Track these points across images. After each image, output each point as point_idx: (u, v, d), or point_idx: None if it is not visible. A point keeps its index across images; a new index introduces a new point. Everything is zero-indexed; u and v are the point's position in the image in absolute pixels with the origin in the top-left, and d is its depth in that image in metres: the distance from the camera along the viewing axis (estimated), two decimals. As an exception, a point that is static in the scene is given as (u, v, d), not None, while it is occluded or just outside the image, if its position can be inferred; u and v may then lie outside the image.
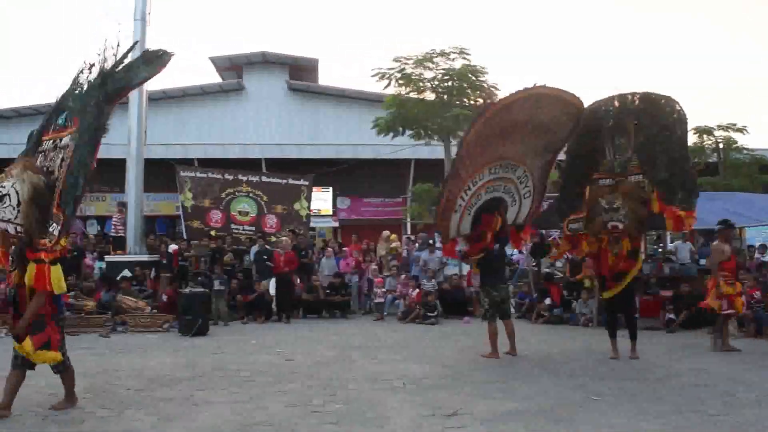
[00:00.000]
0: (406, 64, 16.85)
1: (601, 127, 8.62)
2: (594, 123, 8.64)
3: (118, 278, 12.52)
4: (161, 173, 18.05)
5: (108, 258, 13.90)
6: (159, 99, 23.08)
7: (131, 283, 12.36)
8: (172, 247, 14.01)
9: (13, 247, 5.35)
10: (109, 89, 5.52)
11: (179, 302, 10.94)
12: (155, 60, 5.69)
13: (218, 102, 25.51)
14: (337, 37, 73.52)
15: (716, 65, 74.18)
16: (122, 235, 14.42)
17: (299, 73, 26.15)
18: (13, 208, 5.21)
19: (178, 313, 10.88)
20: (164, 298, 12.15)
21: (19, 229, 5.22)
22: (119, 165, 15.11)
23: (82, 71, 5.91)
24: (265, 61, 25.53)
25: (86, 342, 9.65)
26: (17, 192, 5.22)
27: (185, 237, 14.79)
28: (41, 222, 5.24)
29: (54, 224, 5.24)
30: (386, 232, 15.78)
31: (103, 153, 5.86)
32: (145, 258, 13.55)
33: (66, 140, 5.63)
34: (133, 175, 14.15)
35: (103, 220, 21.74)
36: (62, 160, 5.53)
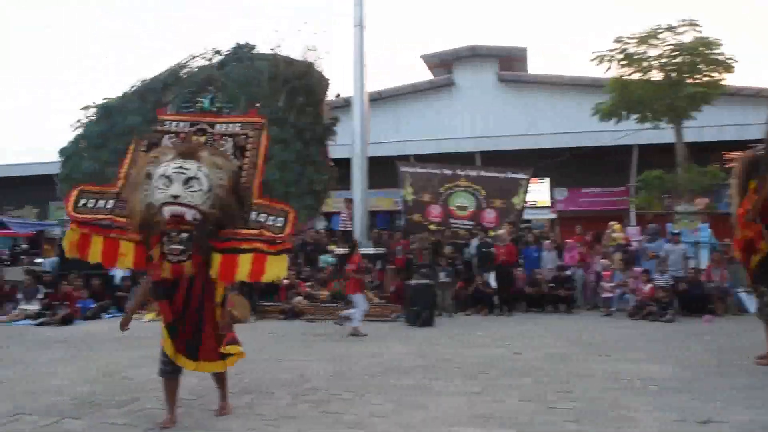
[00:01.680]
0: (627, 44, 15.77)
1: None
2: None
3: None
4: (379, 170, 18.88)
5: (337, 251, 14.88)
6: (375, 99, 24.18)
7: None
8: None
9: (183, 235, 4.76)
10: (322, 87, 5.59)
11: (406, 293, 11.37)
12: (322, 82, 5.66)
13: (430, 98, 26.05)
14: (544, 24, 71.53)
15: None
16: (350, 229, 15.38)
17: (508, 64, 25.78)
18: (204, 193, 4.79)
19: (405, 303, 11.31)
20: (392, 288, 12.73)
21: (197, 216, 4.77)
22: (341, 164, 16.02)
23: (209, 57, 5.85)
24: (474, 55, 25.52)
25: (323, 329, 10.49)
26: (207, 177, 4.83)
27: (407, 230, 15.34)
28: (239, 211, 4.93)
29: (265, 214, 4.92)
30: (612, 223, 14.87)
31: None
32: (371, 251, 14.28)
33: (234, 127, 5.37)
34: (359, 173, 14.97)
35: (329, 216, 23.38)
36: (242, 149, 5.24)
